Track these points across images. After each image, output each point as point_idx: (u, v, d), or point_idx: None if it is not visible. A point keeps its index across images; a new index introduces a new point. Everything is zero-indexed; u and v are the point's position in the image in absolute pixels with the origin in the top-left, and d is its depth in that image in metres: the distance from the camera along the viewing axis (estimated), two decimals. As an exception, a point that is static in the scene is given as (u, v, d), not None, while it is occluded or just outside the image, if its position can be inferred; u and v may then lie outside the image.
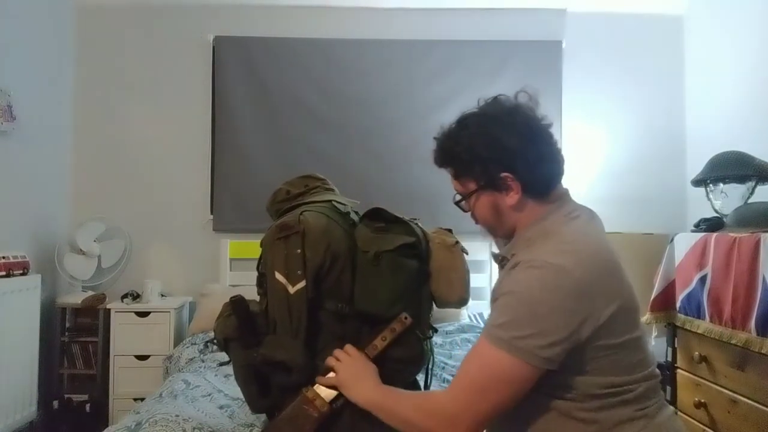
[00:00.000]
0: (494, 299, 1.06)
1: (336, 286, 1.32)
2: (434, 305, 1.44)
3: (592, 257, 1.00)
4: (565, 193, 1.14)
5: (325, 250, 1.29)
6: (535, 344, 0.95)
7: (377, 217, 1.44)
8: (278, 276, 1.28)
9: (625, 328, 1.01)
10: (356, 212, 1.48)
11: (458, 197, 1.18)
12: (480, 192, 1.12)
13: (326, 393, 1.23)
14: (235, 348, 1.36)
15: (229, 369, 1.46)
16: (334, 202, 1.43)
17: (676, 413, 1.11)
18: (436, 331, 1.46)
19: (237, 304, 1.34)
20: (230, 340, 1.36)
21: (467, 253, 1.46)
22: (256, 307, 1.38)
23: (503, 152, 1.07)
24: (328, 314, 1.32)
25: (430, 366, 1.46)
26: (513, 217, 1.11)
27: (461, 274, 1.41)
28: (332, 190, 1.54)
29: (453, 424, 1.00)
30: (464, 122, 1.12)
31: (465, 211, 1.18)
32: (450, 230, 1.50)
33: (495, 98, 1.14)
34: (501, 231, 1.16)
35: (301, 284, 1.26)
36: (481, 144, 1.08)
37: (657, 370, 1.09)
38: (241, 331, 1.33)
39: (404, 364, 1.33)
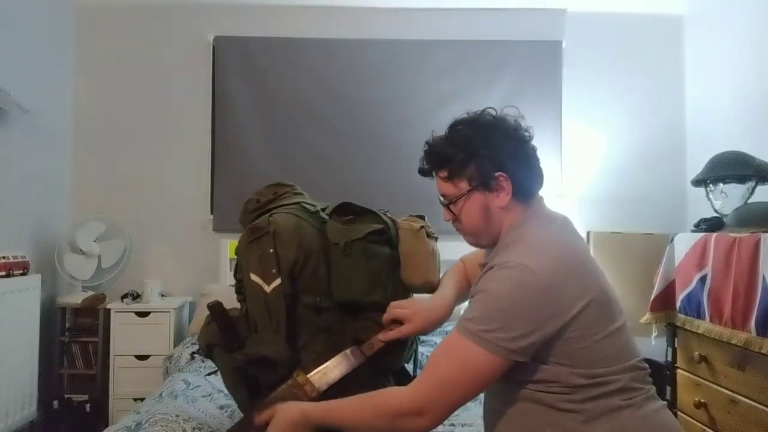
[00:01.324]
0: (471, 297, 1.12)
1: (312, 282, 1.35)
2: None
3: (558, 258, 1.05)
4: (542, 200, 1.19)
5: (297, 247, 1.33)
6: (500, 337, 1.00)
7: (345, 210, 1.47)
8: (253, 277, 1.30)
9: (599, 322, 1.04)
10: (325, 211, 1.51)
11: (447, 200, 1.18)
12: (472, 192, 1.14)
13: (317, 380, 1.24)
14: (219, 353, 1.36)
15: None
16: (302, 203, 1.47)
17: (667, 407, 1.12)
18: None
19: (214, 309, 1.33)
20: (213, 345, 1.36)
21: (436, 238, 1.48)
22: (236, 312, 1.38)
23: (497, 151, 1.12)
24: (307, 308, 1.35)
25: (415, 350, 1.48)
26: (500, 219, 1.15)
27: (425, 258, 1.43)
28: (301, 194, 1.56)
29: (419, 417, 1.03)
30: (456, 126, 1.17)
31: (452, 215, 1.19)
32: (422, 216, 1.52)
33: (483, 110, 1.19)
34: (486, 237, 1.18)
35: (277, 282, 1.29)
36: (477, 143, 1.13)
37: (643, 363, 1.11)
38: (223, 335, 1.33)
39: (390, 347, 1.34)
